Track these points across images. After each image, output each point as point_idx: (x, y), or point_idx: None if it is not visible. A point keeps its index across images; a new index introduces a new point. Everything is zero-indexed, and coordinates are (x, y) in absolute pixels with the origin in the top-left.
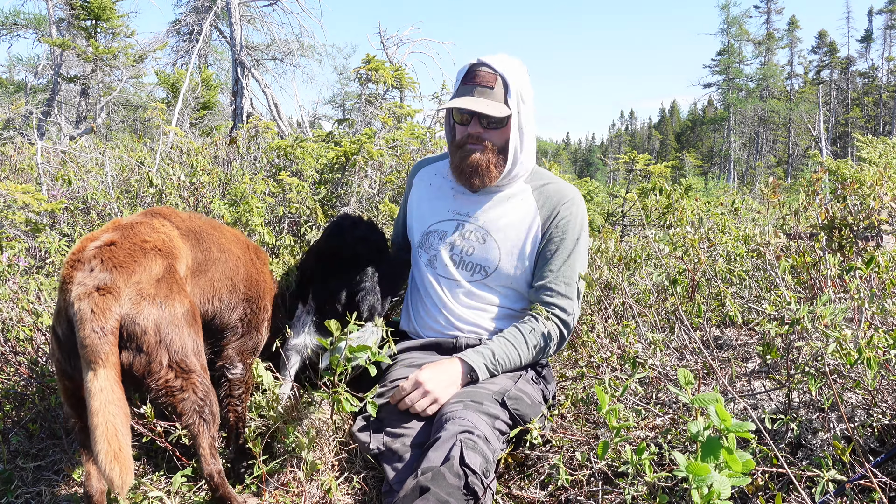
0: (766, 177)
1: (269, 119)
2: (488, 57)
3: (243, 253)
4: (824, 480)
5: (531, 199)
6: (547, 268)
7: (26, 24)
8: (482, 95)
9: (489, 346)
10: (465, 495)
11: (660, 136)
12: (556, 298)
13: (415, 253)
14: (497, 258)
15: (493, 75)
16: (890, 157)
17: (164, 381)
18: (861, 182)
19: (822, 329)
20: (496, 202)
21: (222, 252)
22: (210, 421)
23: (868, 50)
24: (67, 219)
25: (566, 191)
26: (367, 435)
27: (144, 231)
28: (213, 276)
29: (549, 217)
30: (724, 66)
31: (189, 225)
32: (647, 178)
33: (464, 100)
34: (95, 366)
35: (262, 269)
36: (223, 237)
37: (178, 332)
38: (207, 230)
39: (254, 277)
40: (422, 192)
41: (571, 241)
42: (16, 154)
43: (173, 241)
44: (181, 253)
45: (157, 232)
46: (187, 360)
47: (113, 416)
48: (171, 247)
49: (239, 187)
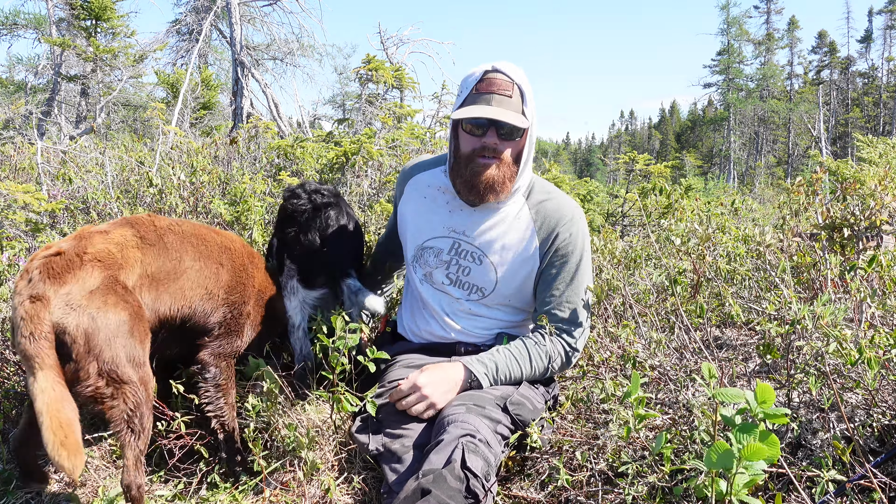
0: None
1: (269, 119)
2: (502, 63)
3: (230, 259)
4: (824, 480)
5: (528, 219)
6: (549, 292)
7: (26, 23)
8: (500, 105)
9: (494, 358)
10: (467, 498)
11: (660, 136)
12: (560, 323)
13: (409, 266)
14: (494, 280)
15: (510, 83)
16: (890, 157)
17: (95, 389)
18: (861, 182)
19: (823, 329)
20: (493, 220)
21: (197, 260)
22: (138, 433)
23: (868, 50)
24: (67, 219)
25: (565, 209)
26: (365, 436)
27: (95, 241)
28: (183, 284)
29: (547, 238)
30: (724, 67)
31: (161, 234)
32: (647, 178)
33: (483, 108)
34: (34, 369)
35: (253, 273)
36: (204, 244)
37: (110, 343)
38: (183, 239)
39: (240, 283)
40: (416, 203)
41: (573, 263)
42: (16, 154)
43: (123, 252)
44: (131, 263)
45: (106, 243)
46: (119, 369)
47: (57, 412)
48: (116, 258)
49: (239, 187)
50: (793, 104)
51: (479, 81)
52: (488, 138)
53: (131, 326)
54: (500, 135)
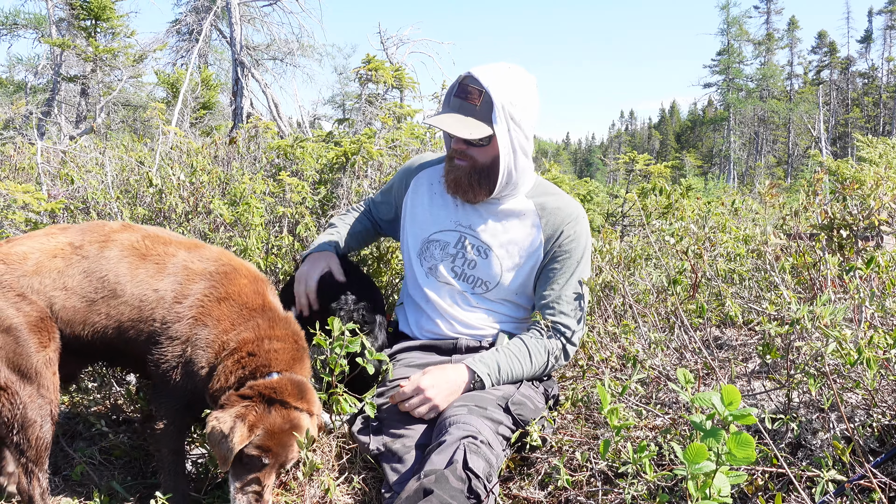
0: (765, 177)
1: (269, 119)
2: (479, 69)
3: (173, 286)
4: (824, 480)
5: (534, 216)
6: (549, 286)
7: (26, 23)
8: (464, 113)
9: (495, 357)
10: (469, 498)
11: (660, 136)
12: (559, 317)
13: (412, 260)
14: (499, 274)
15: (479, 92)
16: (890, 157)
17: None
18: (861, 182)
19: (822, 329)
20: (498, 216)
21: (127, 284)
22: (21, 443)
23: (868, 50)
24: (67, 219)
25: (569, 208)
26: (367, 436)
27: (23, 241)
28: (113, 301)
29: (552, 236)
30: (724, 67)
31: (103, 247)
32: (647, 179)
33: (442, 118)
34: None
35: (222, 304)
36: (155, 264)
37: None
38: (125, 256)
39: (175, 316)
40: (422, 197)
41: (575, 260)
42: (16, 154)
43: (40, 259)
44: (43, 272)
45: (33, 245)
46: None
47: None
48: (24, 263)
49: (239, 187)
50: (793, 104)
51: (457, 87)
52: (456, 144)
53: (18, 334)
54: (466, 141)
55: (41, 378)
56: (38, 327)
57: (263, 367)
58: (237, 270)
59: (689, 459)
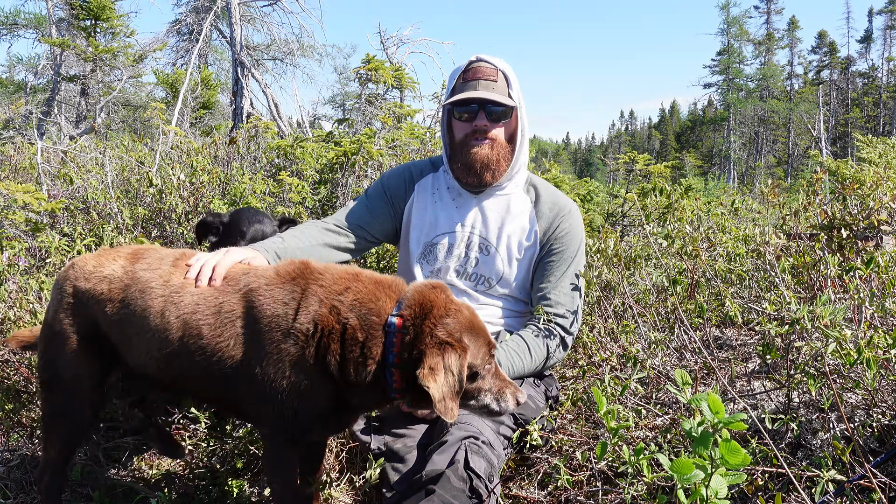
0: (766, 177)
1: (269, 119)
2: (485, 55)
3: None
4: (824, 480)
5: (530, 209)
6: (546, 279)
7: (26, 23)
8: (486, 89)
9: (496, 356)
10: (471, 498)
11: (660, 136)
12: (556, 308)
13: (413, 263)
14: (501, 269)
15: (495, 70)
16: (890, 157)
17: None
18: (861, 182)
19: (822, 329)
20: (497, 210)
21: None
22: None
23: (868, 50)
24: (67, 218)
25: (564, 203)
26: (368, 435)
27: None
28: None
29: (548, 229)
30: (724, 67)
31: (133, 275)
32: (647, 179)
33: (471, 93)
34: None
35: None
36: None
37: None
38: (148, 285)
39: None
40: (425, 202)
41: (571, 253)
42: (16, 154)
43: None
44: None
45: (102, 259)
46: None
47: None
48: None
49: (239, 187)
50: (793, 104)
51: (464, 71)
52: (479, 121)
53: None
54: (490, 117)
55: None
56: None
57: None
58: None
59: (676, 471)
